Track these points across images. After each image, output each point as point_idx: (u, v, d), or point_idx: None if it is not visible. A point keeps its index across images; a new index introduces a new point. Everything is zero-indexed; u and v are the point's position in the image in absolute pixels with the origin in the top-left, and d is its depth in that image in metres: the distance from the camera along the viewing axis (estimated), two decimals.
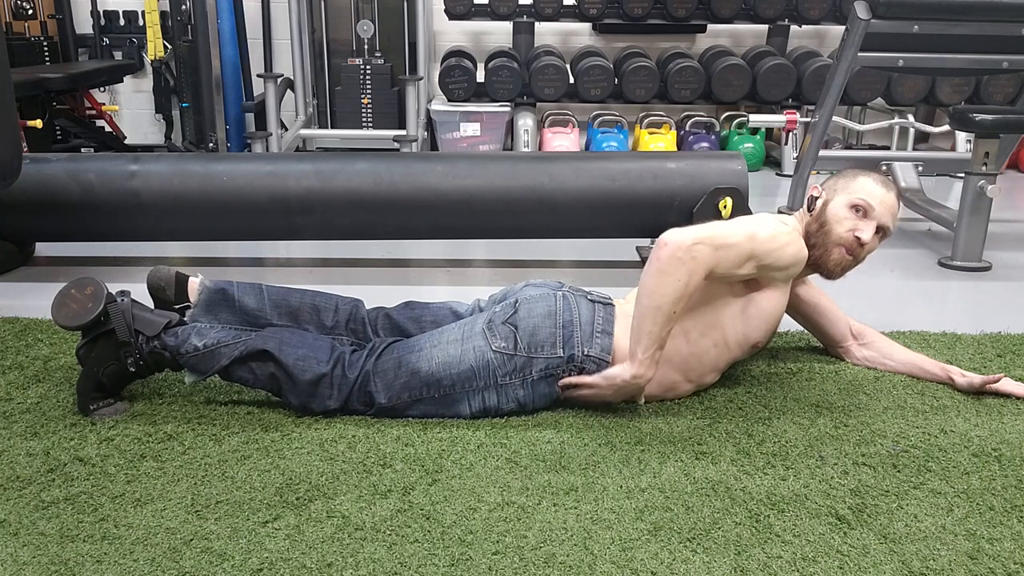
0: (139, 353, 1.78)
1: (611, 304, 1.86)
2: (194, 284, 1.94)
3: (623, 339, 1.79)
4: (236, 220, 2.76)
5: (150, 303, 1.90)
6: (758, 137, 4.87)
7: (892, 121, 4.61)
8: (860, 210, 1.82)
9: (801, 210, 1.94)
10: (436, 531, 1.40)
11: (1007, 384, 1.96)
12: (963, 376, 1.98)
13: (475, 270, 3.05)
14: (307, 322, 1.93)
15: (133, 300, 1.81)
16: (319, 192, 2.73)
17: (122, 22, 5.13)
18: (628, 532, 1.41)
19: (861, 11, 3.17)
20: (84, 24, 5.08)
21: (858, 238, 1.81)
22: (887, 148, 4.99)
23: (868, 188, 1.84)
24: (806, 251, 1.83)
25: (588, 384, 1.76)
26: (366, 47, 4.78)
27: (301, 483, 1.54)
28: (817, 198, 1.90)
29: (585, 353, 1.76)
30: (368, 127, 4.83)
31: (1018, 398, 1.94)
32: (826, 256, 1.85)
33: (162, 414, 1.79)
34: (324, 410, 1.77)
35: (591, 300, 1.84)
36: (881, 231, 1.84)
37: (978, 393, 1.95)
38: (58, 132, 4.36)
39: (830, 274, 1.87)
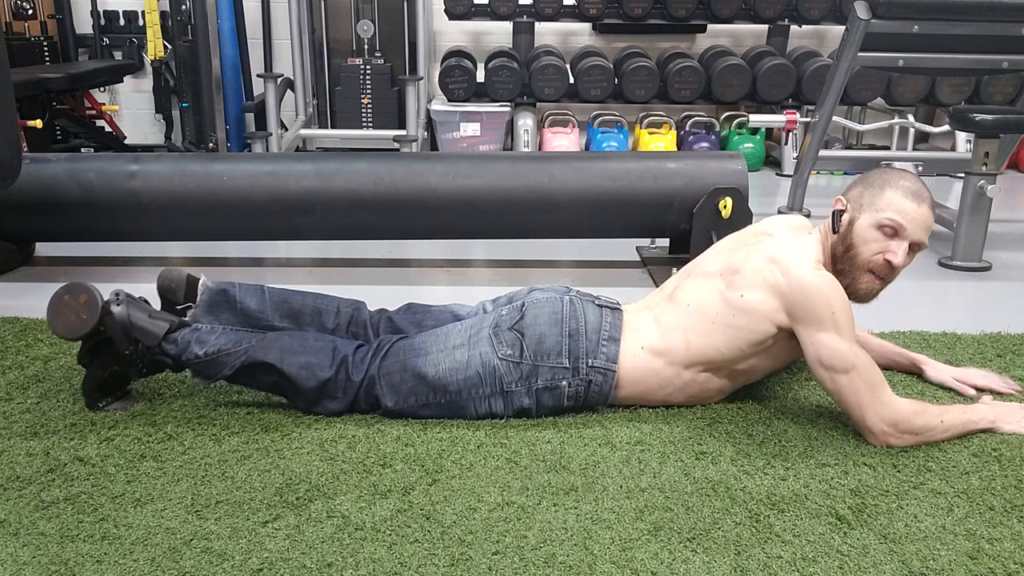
0: (140, 361, 1.78)
1: (619, 309, 1.84)
2: (200, 287, 1.94)
3: (631, 349, 1.77)
4: (236, 220, 2.76)
5: (151, 302, 1.90)
6: (758, 137, 4.87)
7: (892, 121, 4.61)
8: (889, 230, 1.67)
9: (824, 227, 1.79)
10: (436, 531, 1.40)
11: (973, 377, 1.99)
12: (935, 371, 2.01)
13: (476, 270, 3.05)
14: (308, 324, 1.92)
15: (129, 299, 1.77)
16: (319, 192, 2.73)
17: (122, 22, 5.13)
18: (628, 532, 1.41)
19: (861, 11, 3.17)
20: (84, 24, 5.08)
21: (888, 261, 1.67)
22: (887, 148, 4.99)
23: (897, 203, 1.66)
24: (837, 282, 1.69)
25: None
26: (366, 47, 4.78)
27: (301, 483, 1.54)
28: (842, 212, 1.74)
29: (590, 364, 1.75)
30: (368, 127, 4.83)
31: (991, 392, 1.96)
32: (855, 284, 1.71)
33: (162, 414, 1.79)
34: (330, 413, 1.78)
35: (598, 305, 1.82)
36: (915, 247, 1.69)
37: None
38: (58, 132, 4.36)
39: (861, 300, 1.74)
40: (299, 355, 1.75)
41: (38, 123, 3.93)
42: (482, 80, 4.82)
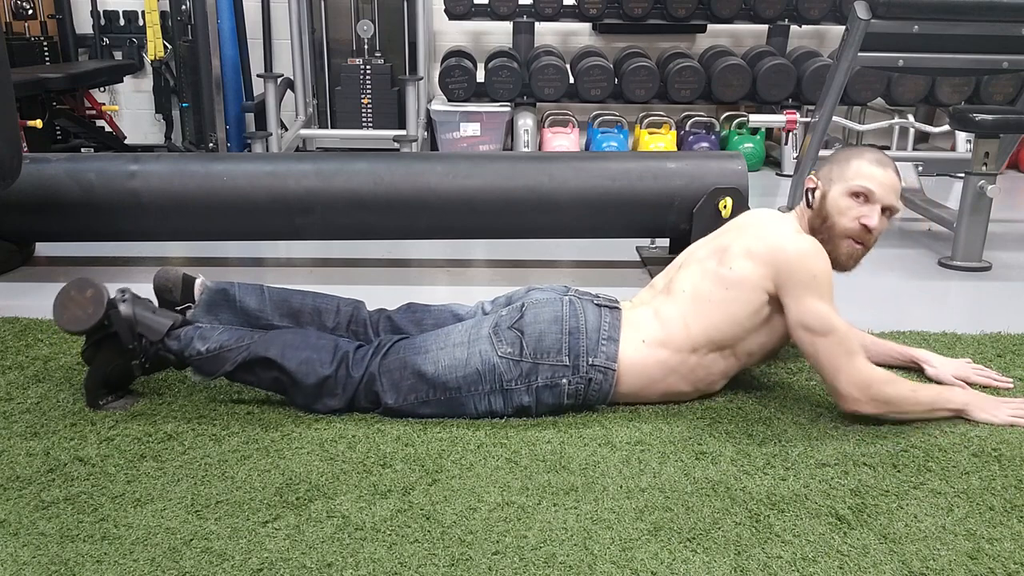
0: (143, 356, 1.78)
1: (618, 308, 1.85)
2: (198, 286, 1.94)
3: (631, 344, 1.79)
4: (236, 220, 2.76)
5: (153, 300, 1.90)
6: (758, 137, 4.87)
7: (892, 121, 4.61)
8: (861, 196, 1.76)
9: (800, 205, 1.88)
10: (436, 531, 1.40)
11: (971, 376, 2.02)
12: (934, 370, 2.03)
13: (475, 270, 3.05)
14: (308, 323, 1.93)
15: (135, 296, 1.80)
16: (319, 192, 2.73)
17: (122, 22, 5.13)
18: (628, 532, 1.41)
19: (861, 11, 3.17)
20: (84, 24, 5.08)
21: (865, 225, 1.75)
22: (887, 148, 4.99)
23: (865, 171, 1.76)
24: (824, 251, 1.77)
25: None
26: (366, 47, 4.78)
27: (301, 483, 1.54)
28: (814, 189, 1.84)
29: (590, 363, 1.76)
30: (368, 127, 4.83)
31: (992, 388, 1.98)
32: (836, 251, 1.79)
33: (162, 414, 1.79)
34: (329, 410, 1.78)
35: (597, 304, 1.83)
36: (888, 211, 1.78)
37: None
38: (58, 132, 4.36)
39: (842, 267, 1.82)
40: (300, 351, 1.75)
41: (38, 123, 3.93)
42: (482, 80, 4.82)
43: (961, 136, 4.58)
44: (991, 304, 2.69)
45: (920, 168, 3.93)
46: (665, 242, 3.09)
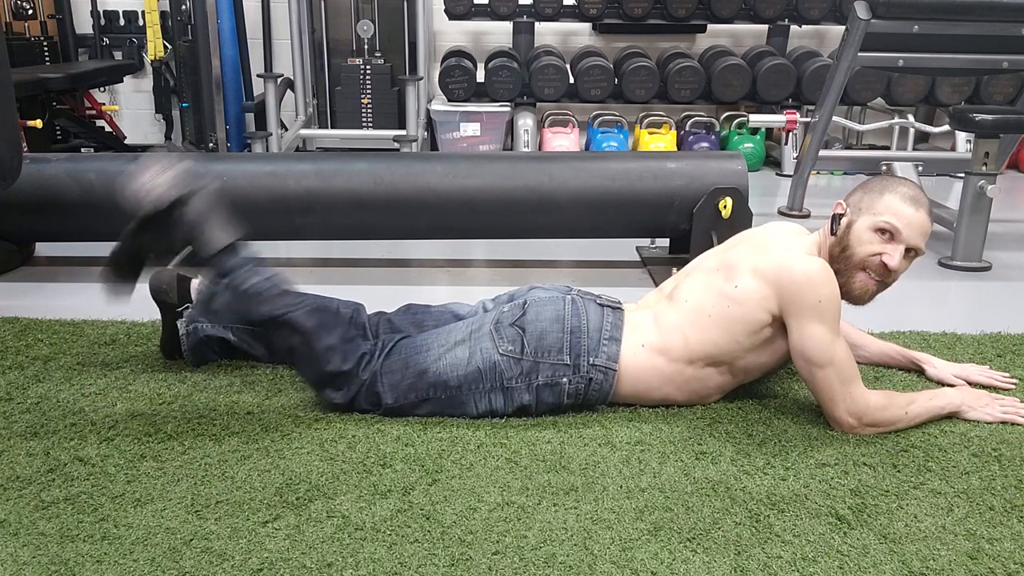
0: (182, 258, 1.72)
1: (620, 308, 1.85)
2: (196, 285, 1.94)
3: (631, 347, 1.78)
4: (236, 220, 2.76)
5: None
6: (758, 137, 4.87)
7: (892, 121, 4.61)
8: (886, 233, 1.69)
9: (824, 230, 1.81)
10: (436, 531, 1.40)
11: (973, 374, 2.02)
12: (935, 370, 2.03)
13: (475, 270, 3.05)
14: None
15: (214, 195, 1.72)
16: (319, 192, 2.72)
17: (122, 22, 5.13)
18: (628, 532, 1.41)
19: (861, 11, 3.18)
20: (84, 24, 5.08)
21: (884, 263, 1.69)
22: (887, 148, 4.99)
23: (894, 208, 1.68)
24: (833, 274, 1.72)
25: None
26: (366, 47, 4.78)
27: (301, 483, 1.54)
28: (841, 216, 1.76)
29: (591, 363, 1.76)
30: (368, 127, 4.83)
31: (992, 388, 1.97)
32: (850, 282, 1.73)
33: (162, 414, 1.79)
34: (329, 402, 1.78)
35: (600, 304, 1.83)
36: (911, 252, 1.71)
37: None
38: (58, 132, 4.36)
39: (856, 300, 1.76)
40: (331, 336, 1.74)
41: (38, 123, 3.93)
42: (482, 80, 4.82)
43: (961, 136, 4.58)
44: (991, 304, 2.69)
45: (920, 168, 3.94)
46: (665, 242, 3.09)
